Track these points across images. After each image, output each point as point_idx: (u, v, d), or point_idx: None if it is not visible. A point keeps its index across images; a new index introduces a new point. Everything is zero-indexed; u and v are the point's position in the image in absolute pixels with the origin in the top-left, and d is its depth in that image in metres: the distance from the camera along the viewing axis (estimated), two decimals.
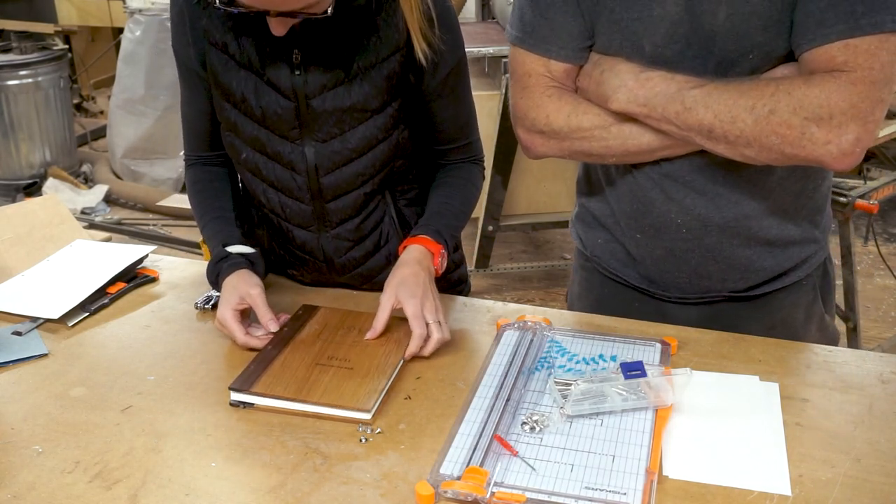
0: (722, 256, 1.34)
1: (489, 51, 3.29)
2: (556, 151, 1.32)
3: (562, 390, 1.15)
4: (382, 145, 1.36)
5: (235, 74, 1.33)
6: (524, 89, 1.32)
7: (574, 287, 1.60)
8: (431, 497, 0.97)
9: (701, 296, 1.40)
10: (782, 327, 1.40)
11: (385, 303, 1.29)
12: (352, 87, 1.31)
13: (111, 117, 4.89)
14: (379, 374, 1.22)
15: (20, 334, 1.37)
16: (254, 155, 1.39)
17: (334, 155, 1.36)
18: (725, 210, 1.29)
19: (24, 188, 4.46)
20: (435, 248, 1.36)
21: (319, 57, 1.30)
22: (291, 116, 1.33)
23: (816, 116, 1.10)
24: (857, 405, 1.15)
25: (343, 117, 1.33)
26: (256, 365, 1.23)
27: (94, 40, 6.12)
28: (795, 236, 1.35)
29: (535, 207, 3.65)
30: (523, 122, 1.33)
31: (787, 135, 1.12)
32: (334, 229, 1.44)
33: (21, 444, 1.11)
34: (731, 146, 1.17)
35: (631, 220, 1.37)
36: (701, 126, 1.17)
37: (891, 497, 0.98)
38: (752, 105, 1.13)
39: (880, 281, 3.64)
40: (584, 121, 1.27)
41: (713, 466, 1.04)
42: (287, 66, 1.30)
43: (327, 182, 1.38)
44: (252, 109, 1.34)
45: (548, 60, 1.29)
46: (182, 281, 1.56)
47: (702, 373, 1.22)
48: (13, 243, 1.65)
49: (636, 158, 1.28)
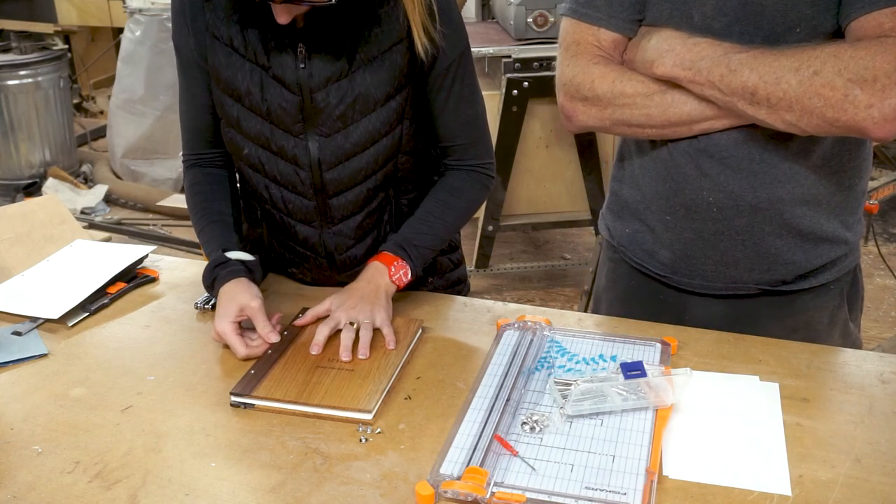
0: (751, 242, 1.33)
1: (489, 51, 3.29)
2: (597, 121, 1.33)
3: (562, 390, 1.15)
4: (385, 140, 1.37)
5: (240, 68, 1.33)
6: (572, 57, 1.34)
7: (601, 279, 1.60)
8: (431, 497, 0.97)
9: (726, 286, 1.39)
10: (805, 330, 1.39)
11: (317, 309, 1.35)
12: (355, 79, 1.31)
13: (111, 117, 4.89)
14: (379, 375, 1.22)
15: (20, 334, 1.37)
16: (257, 150, 1.39)
17: (337, 149, 1.36)
18: (759, 190, 1.29)
19: (24, 188, 4.45)
20: (389, 261, 1.37)
21: (323, 50, 1.30)
22: (296, 110, 1.33)
23: (861, 78, 1.11)
24: (857, 405, 1.15)
25: (346, 111, 1.33)
26: (257, 369, 1.23)
27: (94, 40, 6.11)
28: (827, 233, 1.34)
29: (535, 207, 3.65)
30: (567, 89, 1.34)
31: (829, 97, 1.12)
32: (336, 225, 1.44)
33: (21, 444, 1.11)
34: (773, 110, 1.17)
35: (662, 200, 1.37)
36: (745, 88, 1.17)
37: (891, 497, 0.98)
38: (798, 66, 1.14)
39: (880, 281, 3.64)
40: (627, 87, 1.28)
41: (713, 466, 1.04)
42: (292, 59, 1.31)
43: (330, 177, 1.38)
44: (256, 104, 1.34)
45: (598, 30, 1.32)
46: (182, 281, 1.56)
47: (702, 373, 1.22)
48: (13, 243, 1.65)
49: (674, 131, 1.29)
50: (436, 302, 1.47)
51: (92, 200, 4.63)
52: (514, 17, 3.25)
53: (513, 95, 3.28)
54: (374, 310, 1.32)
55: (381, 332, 1.30)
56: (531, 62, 3.24)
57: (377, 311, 1.31)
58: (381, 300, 1.34)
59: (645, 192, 1.40)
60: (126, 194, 4.71)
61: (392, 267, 1.36)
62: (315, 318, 1.35)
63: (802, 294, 1.38)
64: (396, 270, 1.37)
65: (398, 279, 1.37)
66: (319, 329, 1.29)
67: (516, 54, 3.25)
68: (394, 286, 1.37)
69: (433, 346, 1.33)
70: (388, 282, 1.36)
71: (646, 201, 1.41)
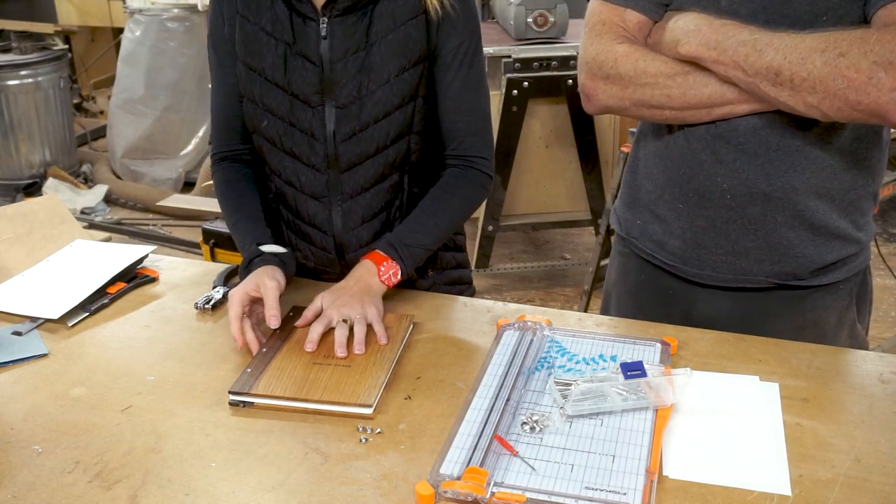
0: (763, 232, 1.33)
1: (489, 51, 3.29)
2: (617, 101, 1.33)
3: (562, 390, 1.15)
4: (398, 114, 1.39)
5: (266, 44, 1.39)
6: (597, 36, 1.34)
7: (611, 274, 1.60)
8: (431, 497, 0.97)
9: (735, 277, 1.38)
10: (813, 329, 1.39)
11: (309, 310, 1.35)
12: (371, 50, 1.36)
13: (111, 117, 4.89)
14: (377, 370, 1.22)
15: (20, 334, 1.37)
16: (275, 122, 1.43)
17: (352, 120, 1.39)
18: (774, 178, 1.29)
19: (24, 188, 4.44)
20: (379, 260, 1.37)
21: (344, 23, 1.36)
22: (316, 80, 1.38)
23: (886, 61, 1.11)
24: (857, 405, 1.15)
25: (363, 80, 1.37)
26: (254, 367, 1.23)
27: (94, 40, 6.12)
28: (839, 229, 1.34)
29: (535, 207, 3.65)
30: (590, 67, 1.34)
31: (853, 78, 1.12)
32: (346, 202, 1.45)
33: (21, 444, 1.11)
34: (795, 92, 1.17)
35: (676, 187, 1.37)
36: (769, 69, 1.18)
37: (891, 497, 0.98)
38: (824, 48, 1.14)
39: (880, 281, 3.64)
40: (650, 66, 1.29)
41: (713, 466, 1.04)
42: (315, 34, 1.37)
43: (344, 149, 1.41)
44: (279, 77, 1.39)
45: (624, 10, 1.33)
46: (182, 281, 1.56)
47: (702, 373, 1.22)
48: (13, 243, 1.65)
49: (693, 114, 1.29)
50: (436, 302, 1.47)
51: (92, 200, 4.63)
52: (514, 17, 3.25)
53: (513, 95, 3.28)
54: (365, 306, 1.32)
55: (373, 329, 1.31)
56: (531, 62, 3.24)
57: (368, 308, 1.32)
58: (372, 297, 1.35)
59: (658, 180, 1.41)
60: (126, 194, 4.71)
61: (381, 267, 1.37)
62: (309, 319, 1.34)
63: (812, 292, 1.38)
64: (386, 270, 1.37)
65: (387, 279, 1.37)
66: (313, 327, 1.30)
67: (516, 54, 3.25)
68: (383, 286, 1.37)
69: (433, 346, 1.33)
70: (377, 281, 1.37)
71: (659, 190, 1.41)
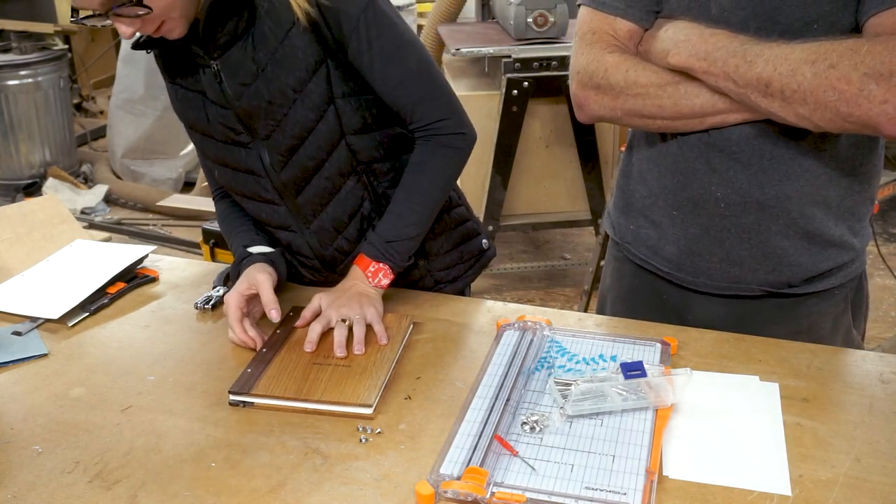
0: (757, 240, 1.32)
1: (489, 51, 3.29)
2: (608, 110, 1.33)
3: (562, 390, 1.15)
4: (320, 126, 1.34)
5: (191, 100, 1.38)
6: (588, 45, 1.34)
7: (605, 278, 1.60)
8: (431, 497, 0.97)
9: (729, 285, 1.38)
10: (807, 334, 1.38)
11: (308, 309, 1.35)
12: (264, 74, 1.31)
13: (111, 117, 4.89)
14: (377, 370, 1.22)
15: (20, 334, 1.37)
16: (223, 170, 1.43)
17: (280, 147, 1.36)
18: (768, 187, 1.29)
19: (24, 188, 4.45)
20: (364, 265, 1.37)
21: (230, 59, 1.31)
22: (234, 122, 1.36)
23: (877, 73, 1.10)
24: (857, 405, 1.15)
25: (270, 109, 1.33)
26: (254, 368, 1.23)
27: (94, 40, 6.11)
28: (834, 237, 1.33)
29: (535, 207, 3.65)
30: (581, 77, 1.34)
31: (844, 90, 1.12)
32: (313, 224, 1.44)
33: (21, 444, 1.11)
34: (786, 103, 1.16)
35: (669, 195, 1.37)
36: (759, 80, 1.17)
37: (891, 497, 0.98)
38: (815, 59, 1.14)
39: (880, 281, 3.64)
40: (641, 76, 1.28)
41: (713, 466, 1.04)
42: (214, 78, 1.34)
43: (286, 177, 1.39)
44: (207, 128, 1.39)
45: (614, 19, 1.32)
46: (182, 281, 1.56)
47: (702, 373, 1.22)
48: (13, 243, 1.65)
49: (685, 123, 1.29)
50: (436, 302, 1.47)
51: (92, 200, 4.63)
52: (514, 17, 3.25)
53: (513, 95, 3.28)
54: (363, 307, 1.32)
55: (372, 329, 1.31)
56: (531, 62, 3.24)
57: (367, 308, 1.32)
58: (371, 296, 1.35)
59: (652, 186, 1.40)
60: (126, 194, 4.71)
61: (368, 272, 1.37)
62: (309, 320, 1.34)
63: (806, 298, 1.38)
64: (374, 273, 1.37)
65: (378, 282, 1.37)
66: (312, 327, 1.30)
67: (516, 54, 3.25)
68: (378, 288, 1.37)
69: (433, 346, 1.33)
70: (368, 286, 1.37)
71: (652, 196, 1.40)
